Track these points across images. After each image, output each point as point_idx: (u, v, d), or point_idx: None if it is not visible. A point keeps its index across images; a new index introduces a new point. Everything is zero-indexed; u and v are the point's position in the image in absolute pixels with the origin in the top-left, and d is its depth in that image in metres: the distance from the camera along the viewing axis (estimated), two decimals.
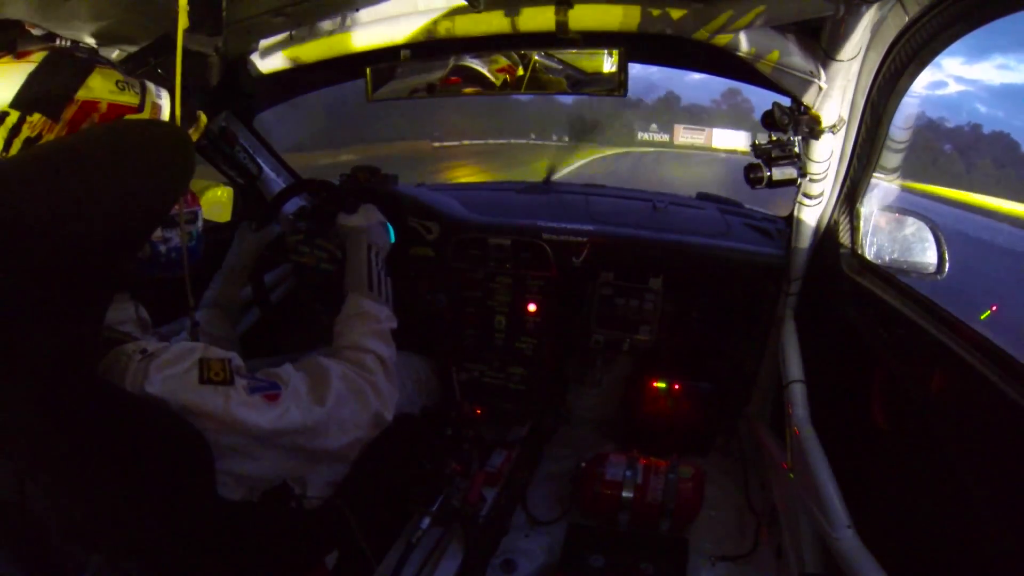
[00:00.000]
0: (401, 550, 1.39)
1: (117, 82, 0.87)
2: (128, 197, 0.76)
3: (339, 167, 2.34)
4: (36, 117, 0.80)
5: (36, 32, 0.87)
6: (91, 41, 1.25)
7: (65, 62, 0.84)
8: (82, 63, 0.85)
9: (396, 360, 1.71)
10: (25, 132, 0.80)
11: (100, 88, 0.85)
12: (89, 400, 0.77)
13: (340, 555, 1.27)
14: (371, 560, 1.31)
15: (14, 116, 0.79)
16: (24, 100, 0.80)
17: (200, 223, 1.20)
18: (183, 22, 0.87)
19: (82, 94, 0.83)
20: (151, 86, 0.92)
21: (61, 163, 0.75)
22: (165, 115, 0.93)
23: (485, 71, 1.46)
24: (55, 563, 1.04)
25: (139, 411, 0.84)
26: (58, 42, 0.87)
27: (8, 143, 0.79)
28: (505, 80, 1.47)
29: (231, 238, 1.68)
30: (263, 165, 2.12)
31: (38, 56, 0.83)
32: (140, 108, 0.89)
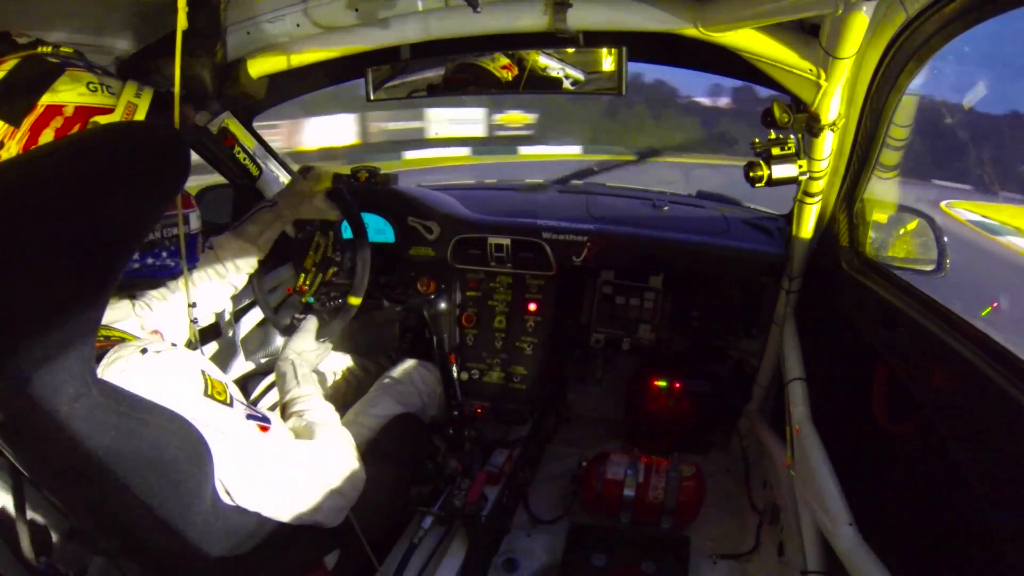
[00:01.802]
0: (403, 549, 1.40)
1: (88, 84, 0.86)
2: (105, 203, 0.76)
3: None
4: None
5: (22, 40, 0.86)
6: (80, 44, 1.24)
7: (34, 67, 0.83)
8: (51, 67, 0.84)
9: (409, 368, 1.76)
10: None
11: (68, 91, 0.84)
12: (88, 400, 0.77)
13: (342, 555, 1.27)
14: (373, 559, 1.31)
15: None
16: None
17: (194, 225, 1.13)
18: (182, 23, 0.87)
19: (47, 98, 0.83)
20: (132, 86, 0.90)
21: (37, 169, 0.75)
22: (141, 115, 0.91)
23: (491, 68, 1.46)
24: (57, 564, 1.04)
25: (141, 411, 0.83)
26: (40, 48, 0.86)
27: None
28: (507, 79, 1.47)
29: None
30: (263, 166, 2.12)
31: (10, 63, 0.82)
32: (112, 109, 0.88)
